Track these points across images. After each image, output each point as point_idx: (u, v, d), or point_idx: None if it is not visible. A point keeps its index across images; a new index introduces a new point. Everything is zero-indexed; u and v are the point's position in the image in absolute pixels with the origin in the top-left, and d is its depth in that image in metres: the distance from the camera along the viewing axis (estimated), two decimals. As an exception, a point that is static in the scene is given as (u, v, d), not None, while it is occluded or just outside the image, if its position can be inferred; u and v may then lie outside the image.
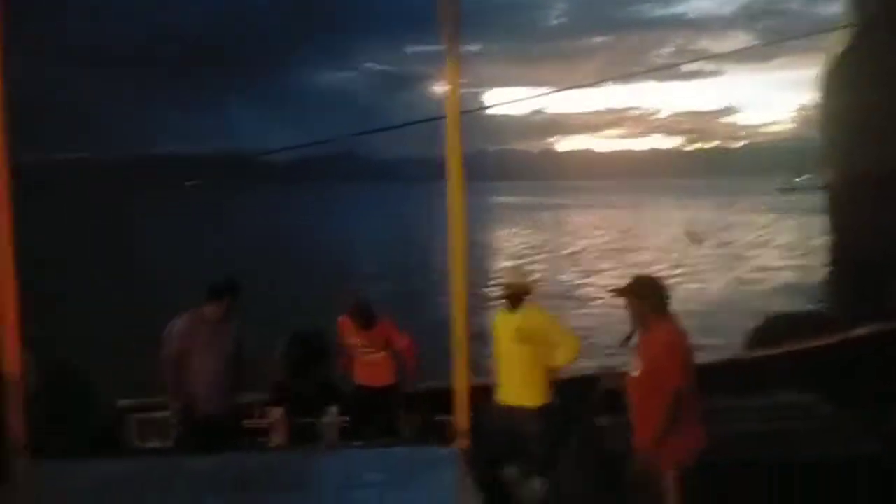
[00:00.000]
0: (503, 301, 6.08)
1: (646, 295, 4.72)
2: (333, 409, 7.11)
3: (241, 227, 62.20)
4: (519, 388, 5.89)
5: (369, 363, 7.06)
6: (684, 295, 23.59)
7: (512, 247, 45.69)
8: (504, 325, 5.98)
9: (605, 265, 34.27)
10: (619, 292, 4.80)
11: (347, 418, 7.03)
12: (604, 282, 27.73)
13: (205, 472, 2.92)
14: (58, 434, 5.11)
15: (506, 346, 5.95)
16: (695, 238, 41.22)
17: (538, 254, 40.36)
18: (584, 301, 24.25)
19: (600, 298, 23.72)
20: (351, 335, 7.04)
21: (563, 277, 30.03)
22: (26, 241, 3.21)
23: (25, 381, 5.02)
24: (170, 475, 2.84)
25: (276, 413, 7.17)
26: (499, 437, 5.82)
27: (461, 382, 3.20)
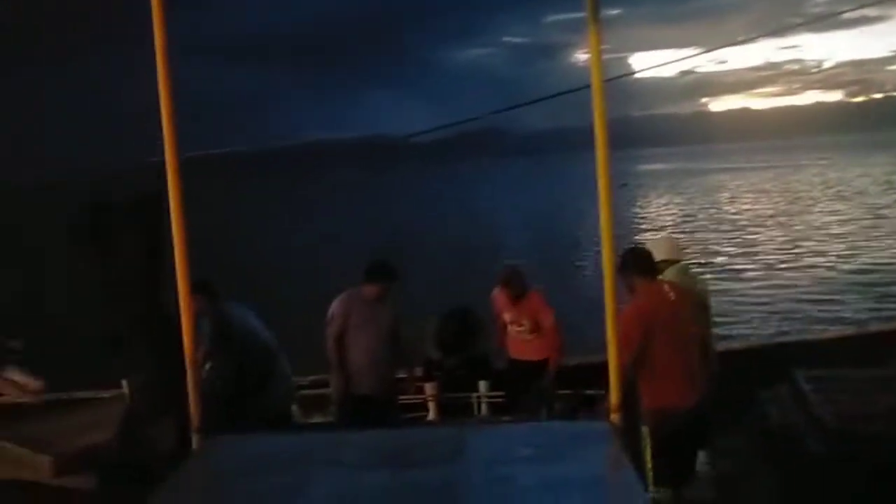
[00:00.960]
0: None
1: (627, 266, 5.11)
2: (485, 385, 7.23)
3: (391, 208, 63.85)
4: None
5: (522, 339, 7.07)
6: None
7: (664, 215, 44.28)
8: None
9: (768, 233, 32.44)
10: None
11: (499, 394, 7.12)
12: (768, 254, 26.27)
13: (364, 446, 3.03)
14: (230, 410, 5.49)
15: None
16: None
17: (692, 223, 38.83)
18: (742, 274, 22.90)
19: (761, 270, 22.59)
20: (503, 308, 7.07)
21: (719, 248, 28.62)
22: (195, 232, 3.44)
23: (202, 361, 5.44)
24: (332, 449, 2.97)
25: (430, 389, 7.38)
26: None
27: (614, 356, 3.14)
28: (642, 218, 42.38)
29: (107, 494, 5.60)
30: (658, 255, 5.77)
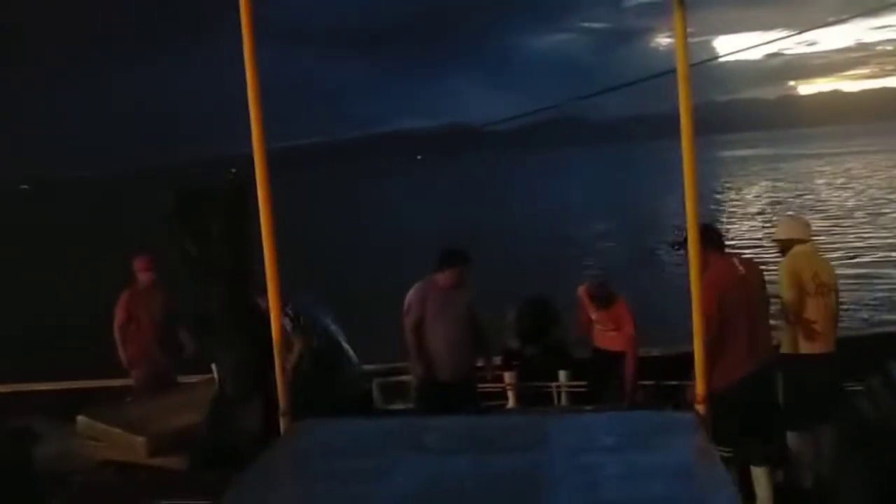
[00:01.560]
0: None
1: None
2: (565, 374, 7.20)
3: (471, 196, 63.91)
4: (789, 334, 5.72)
5: (605, 334, 7.00)
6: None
7: (750, 203, 42.96)
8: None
9: (858, 221, 31.08)
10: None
11: (579, 383, 7.07)
12: (863, 242, 25.16)
13: (446, 432, 3.06)
14: (316, 394, 5.61)
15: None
16: None
17: (781, 211, 37.55)
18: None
19: (855, 259, 21.68)
20: (589, 310, 7.01)
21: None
22: (280, 220, 3.53)
23: (289, 346, 5.58)
24: (416, 435, 3.00)
25: (509, 377, 7.38)
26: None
27: (700, 346, 3.07)
28: (732, 205, 41.22)
29: (197, 474, 5.81)
30: (786, 234, 5.87)
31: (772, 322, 5.67)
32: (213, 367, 6.56)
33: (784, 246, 5.85)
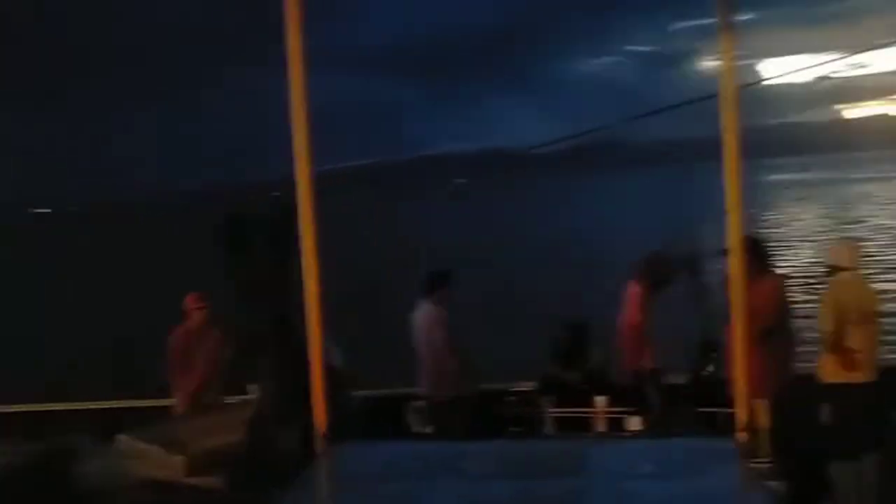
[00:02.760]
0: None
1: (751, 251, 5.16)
2: (602, 400, 7.10)
3: (512, 222, 63.80)
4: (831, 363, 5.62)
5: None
6: None
7: (800, 229, 42.14)
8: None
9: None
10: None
11: (618, 409, 6.97)
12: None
13: (486, 456, 3.04)
14: (350, 417, 5.63)
15: None
16: None
17: (831, 237, 36.76)
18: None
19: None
20: (639, 304, 6.80)
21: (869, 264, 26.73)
22: (324, 245, 3.56)
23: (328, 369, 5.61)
24: (454, 459, 2.99)
25: (547, 402, 7.32)
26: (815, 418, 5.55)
27: (741, 372, 3.02)
28: (785, 229, 40.48)
29: (236, 495, 5.84)
30: (833, 261, 5.79)
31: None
32: (252, 387, 6.61)
33: (831, 272, 5.77)
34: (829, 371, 5.61)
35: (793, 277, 16.46)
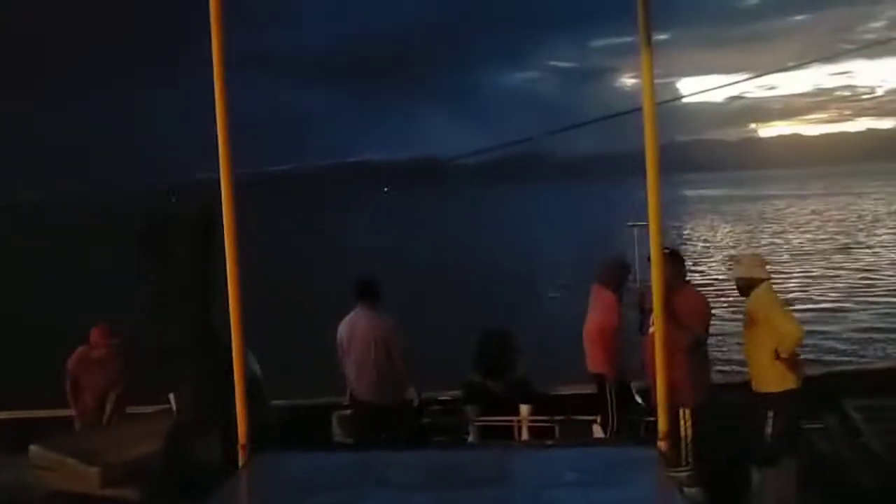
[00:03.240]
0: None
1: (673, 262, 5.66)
2: (526, 409, 7.17)
3: (433, 229, 64.00)
4: (753, 371, 5.76)
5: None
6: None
7: (710, 241, 43.58)
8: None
9: (821, 263, 31.58)
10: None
11: (541, 418, 7.04)
12: (823, 284, 25.54)
13: (410, 466, 3.02)
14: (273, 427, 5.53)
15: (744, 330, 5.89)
16: None
17: (742, 251, 38.12)
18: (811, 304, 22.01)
19: (817, 303, 21.95)
20: (616, 310, 6.72)
21: (777, 278, 27.74)
22: (242, 249, 3.48)
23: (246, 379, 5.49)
24: (379, 469, 2.97)
25: (471, 412, 7.34)
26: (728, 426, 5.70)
27: (661, 381, 3.09)
28: (701, 243, 41.72)
29: (152, 506, 5.67)
30: (748, 273, 5.88)
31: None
32: (171, 396, 6.43)
33: (745, 284, 5.87)
34: (774, 379, 5.59)
35: (705, 289, 17.00)
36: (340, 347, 6.81)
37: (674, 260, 5.94)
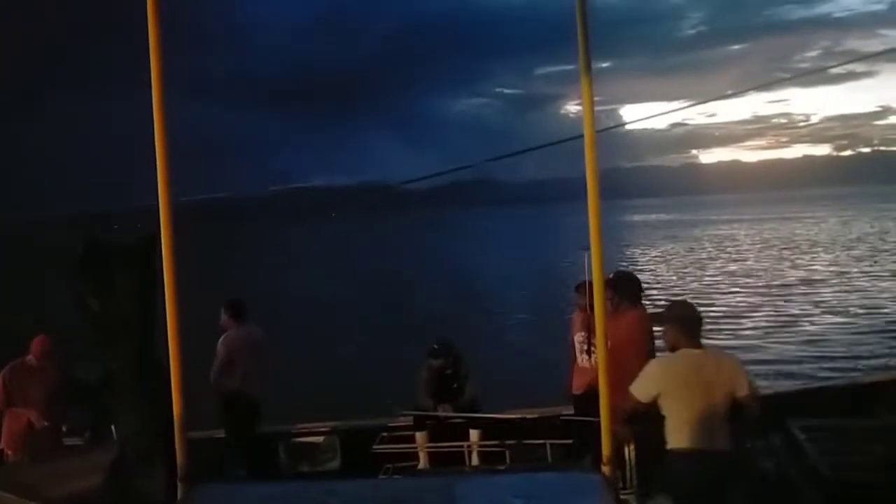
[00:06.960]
0: None
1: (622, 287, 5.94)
2: (476, 433, 7.15)
3: (384, 253, 63.88)
4: None
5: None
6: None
7: (657, 266, 44.30)
8: None
9: (758, 283, 32.35)
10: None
11: (491, 442, 7.03)
12: (767, 307, 26.05)
13: (353, 496, 2.99)
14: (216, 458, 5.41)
15: None
16: None
17: (686, 273, 38.83)
18: (738, 332, 22.43)
19: (758, 326, 22.38)
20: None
21: (718, 300, 28.21)
22: (184, 277, 3.42)
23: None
24: (320, 499, 2.92)
25: (420, 438, 7.29)
26: None
27: (604, 405, 3.12)
28: (643, 269, 42.36)
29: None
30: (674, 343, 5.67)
31: None
32: (113, 428, 6.25)
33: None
34: None
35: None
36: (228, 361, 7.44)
37: (624, 283, 6.01)
